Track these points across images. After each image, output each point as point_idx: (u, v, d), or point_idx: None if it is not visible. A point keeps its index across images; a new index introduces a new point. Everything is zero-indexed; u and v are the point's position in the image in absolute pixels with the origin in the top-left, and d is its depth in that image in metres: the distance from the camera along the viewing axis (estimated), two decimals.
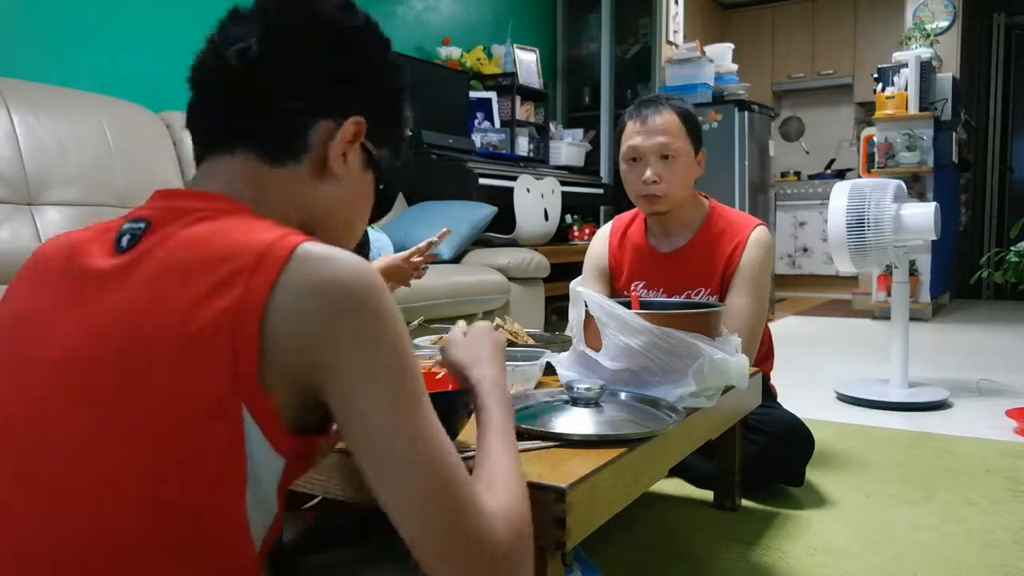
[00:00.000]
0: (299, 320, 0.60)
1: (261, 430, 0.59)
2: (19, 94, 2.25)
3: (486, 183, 3.70)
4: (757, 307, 1.73)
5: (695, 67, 5.03)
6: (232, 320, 0.58)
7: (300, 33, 0.74)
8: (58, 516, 0.57)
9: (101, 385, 0.59)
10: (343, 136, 0.75)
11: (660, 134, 1.72)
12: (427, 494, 0.63)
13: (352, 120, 0.76)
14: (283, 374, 0.60)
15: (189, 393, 0.58)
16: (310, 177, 0.75)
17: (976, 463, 2.01)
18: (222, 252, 0.61)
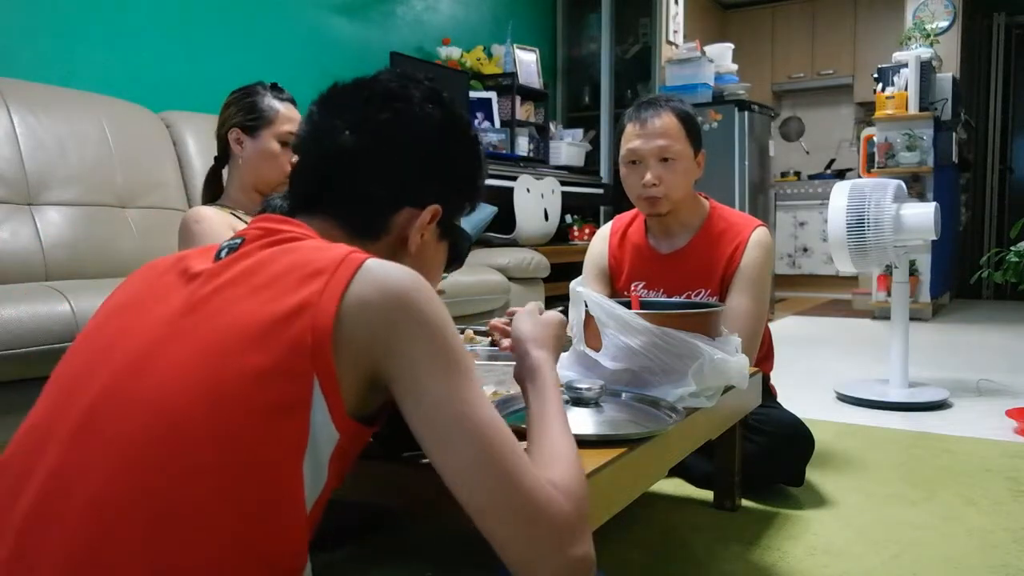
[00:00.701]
0: (366, 313, 0.70)
1: (325, 400, 0.68)
2: (19, 94, 2.25)
3: (486, 183, 3.70)
4: (757, 308, 1.73)
5: (695, 67, 5.03)
6: (315, 306, 0.68)
7: (393, 136, 0.85)
8: (134, 468, 0.64)
9: (187, 354, 0.68)
10: (422, 222, 0.86)
11: (659, 137, 1.72)
12: (481, 461, 0.70)
13: (431, 208, 0.86)
14: (350, 358, 0.69)
15: (270, 363, 0.66)
16: (388, 252, 0.85)
17: (976, 463, 2.01)
18: (306, 258, 0.73)
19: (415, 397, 0.71)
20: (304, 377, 0.67)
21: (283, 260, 0.73)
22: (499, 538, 0.70)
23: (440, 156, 0.88)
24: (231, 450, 0.65)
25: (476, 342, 1.52)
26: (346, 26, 3.76)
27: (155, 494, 0.63)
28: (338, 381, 0.69)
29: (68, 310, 1.57)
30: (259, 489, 0.66)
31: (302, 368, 0.67)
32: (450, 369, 0.72)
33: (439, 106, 0.88)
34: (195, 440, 0.64)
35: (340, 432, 0.71)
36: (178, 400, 0.66)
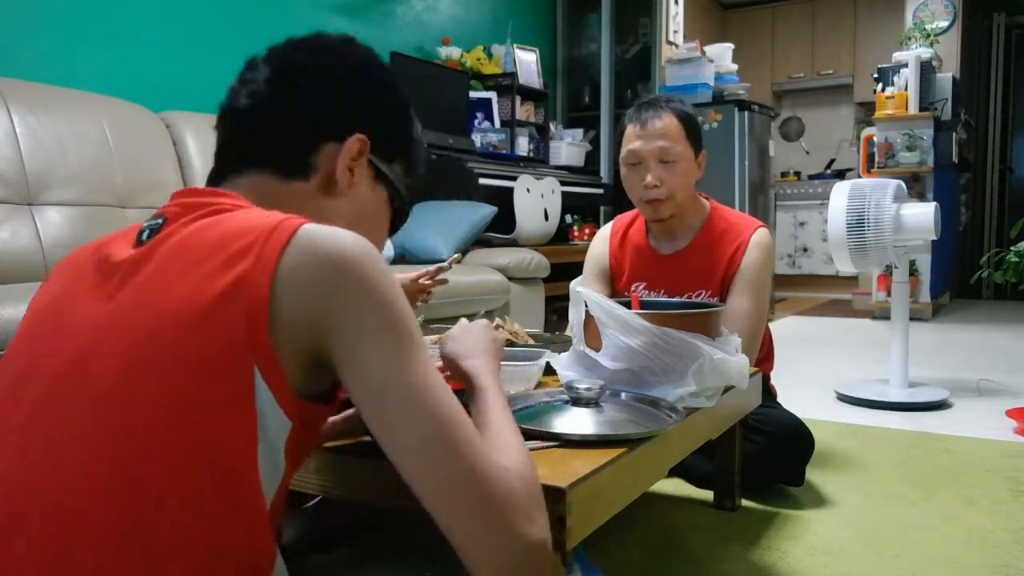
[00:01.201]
0: (304, 286, 0.65)
1: (270, 389, 0.64)
2: (19, 94, 2.25)
3: (486, 183, 3.70)
4: (757, 308, 1.73)
5: (695, 67, 5.03)
6: (246, 285, 0.63)
7: (303, 71, 0.83)
8: (83, 471, 0.61)
9: (122, 356, 0.64)
10: (347, 152, 0.82)
11: (660, 138, 1.72)
12: (432, 439, 0.66)
13: (355, 138, 0.82)
14: (291, 336, 0.65)
15: (205, 354, 0.62)
16: (319, 193, 0.82)
17: (976, 463, 2.01)
18: (234, 232, 0.67)
19: (359, 373, 0.66)
20: (243, 367, 0.63)
21: (209, 237, 0.68)
22: (448, 519, 0.66)
23: (355, 86, 0.85)
24: (180, 450, 0.61)
25: None
26: (346, 26, 3.75)
27: (112, 497, 0.61)
28: (280, 366, 0.64)
29: None
30: (215, 487, 0.62)
31: (240, 358, 0.63)
32: (398, 341, 0.67)
33: (352, 47, 0.87)
34: (144, 443, 0.61)
35: (291, 418, 0.67)
36: (120, 407, 0.62)
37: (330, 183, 0.82)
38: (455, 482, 0.65)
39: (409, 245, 3.14)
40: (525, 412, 1.11)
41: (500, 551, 0.65)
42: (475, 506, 0.65)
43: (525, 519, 0.66)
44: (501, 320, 1.63)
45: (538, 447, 0.99)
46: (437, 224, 3.22)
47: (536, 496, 0.70)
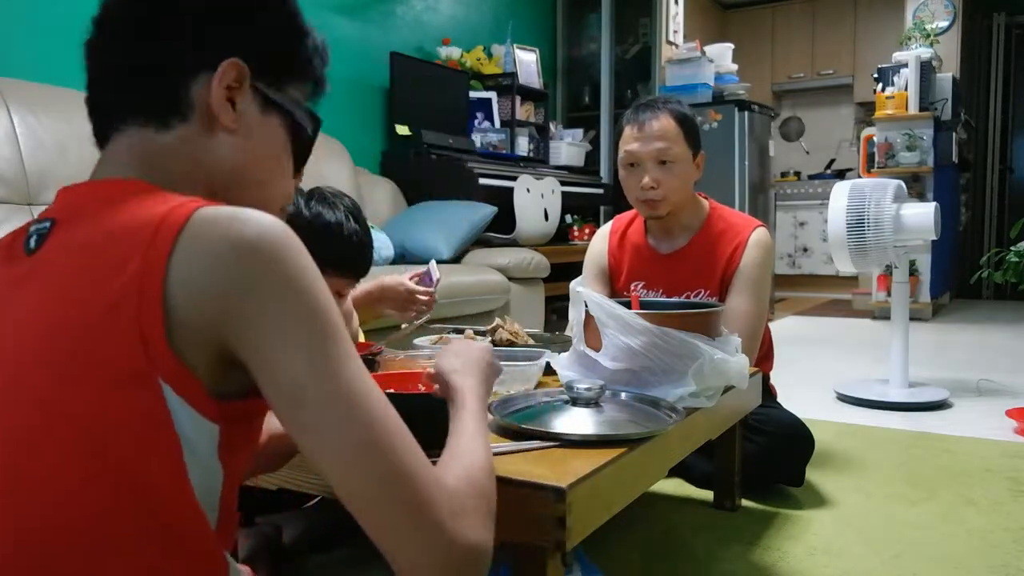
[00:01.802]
0: (201, 280, 0.57)
1: (180, 396, 0.58)
2: (19, 94, 2.25)
3: (486, 183, 3.70)
4: (757, 308, 1.73)
5: (695, 67, 5.03)
6: (134, 290, 0.57)
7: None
8: (10, 503, 0.57)
9: (24, 380, 0.58)
10: (222, 80, 0.69)
11: (657, 140, 1.72)
12: (355, 444, 0.59)
13: (228, 62, 0.69)
14: (193, 337, 0.58)
15: (106, 369, 0.57)
16: (203, 134, 0.70)
17: (976, 463, 2.01)
18: (120, 231, 0.60)
19: (271, 372, 0.59)
20: (147, 380, 0.57)
21: (96, 239, 0.61)
22: (373, 522, 0.60)
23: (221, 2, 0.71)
24: (96, 474, 0.56)
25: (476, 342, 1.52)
26: (346, 26, 3.75)
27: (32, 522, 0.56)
28: (190, 371, 0.58)
29: None
30: (136, 515, 0.57)
31: (141, 371, 0.57)
32: (314, 337, 0.59)
33: None
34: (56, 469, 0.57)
35: (216, 421, 0.61)
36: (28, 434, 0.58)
37: (213, 121, 0.69)
38: (380, 483, 0.59)
39: (409, 245, 3.14)
40: (525, 412, 1.11)
41: (426, 552, 0.60)
42: (400, 505, 0.59)
43: (453, 517, 0.61)
44: (501, 320, 1.63)
45: (538, 447, 0.99)
46: (437, 224, 3.22)
47: (479, 497, 0.65)
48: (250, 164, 0.73)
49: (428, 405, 0.97)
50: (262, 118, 0.73)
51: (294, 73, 0.76)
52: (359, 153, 3.64)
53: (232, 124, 0.70)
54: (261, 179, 0.74)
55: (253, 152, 0.72)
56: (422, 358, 1.25)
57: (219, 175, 0.71)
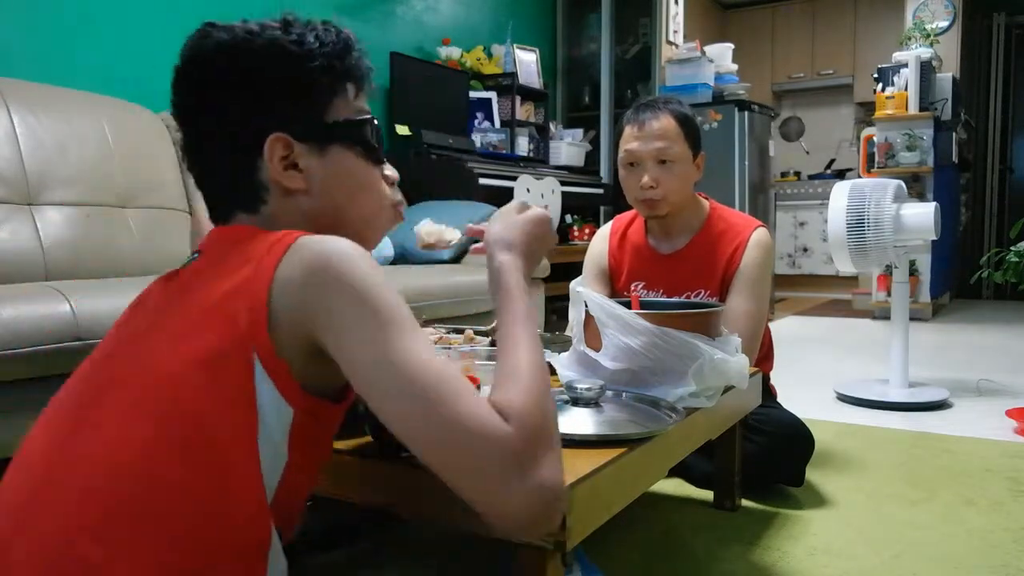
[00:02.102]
0: (296, 292, 0.70)
1: (269, 376, 0.69)
2: (19, 94, 2.25)
3: (486, 183, 3.70)
4: (757, 308, 1.73)
5: (695, 67, 5.02)
6: (247, 287, 0.70)
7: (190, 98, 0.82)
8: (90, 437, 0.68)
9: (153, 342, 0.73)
10: (273, 159, 0.80)
11: (657, 139, 1.72)
12: (413, 403, 0.67)
13: (269, 141, 0.79)
14: (290, 335, 0.70)
15: (213, 344, 0.69)
16: (286, 201, 0.81)
17: (976, 463, 2.01)
18: (243, 249, 0.74)
19: (348, 360, 0.70)
20: (243, 357, 0.68)
21: (225, 254, 0.76)
22: (448, 477, 0.67)
23: (235, 94, 0.80)
24: (180, 435, 0.67)
25: (476, 342, 1.52)
26: (346, 26, 3.74)
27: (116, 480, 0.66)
28: (280, 357, 0.69)
29: (68, 310, 1.57)
30: (210, 471, 0.67)
31: (240, 348, 0.68)
32: (376, 325, 0.69)
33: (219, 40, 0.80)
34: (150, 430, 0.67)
35: (294, 407, 0.71)
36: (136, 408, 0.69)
37: (286, 191, 0.81)
38: (446, 449, 0.67)
39: (409, 245, 3.14)
40: None
41: (503, 504, 0.66)
42: (467, 468, 0.66)
43: (519, 467, 0.66)
44: None
45: None
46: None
47: (534, 435, 0.68)
48: (336, 200, 0.83)
49: None
50: (325, 158, 0.82)
51: (330, 98, 0.83)
52: None
53: (303, 184, 0.81)
54: (351, 203, 0.85)
55: (332, 189, 0.83)
56: None
57: (315, 221, 0.81)
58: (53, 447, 0.70)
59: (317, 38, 0.82)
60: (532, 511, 0.66)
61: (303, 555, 1.38)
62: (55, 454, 0.70)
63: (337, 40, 0.83)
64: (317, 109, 0.82)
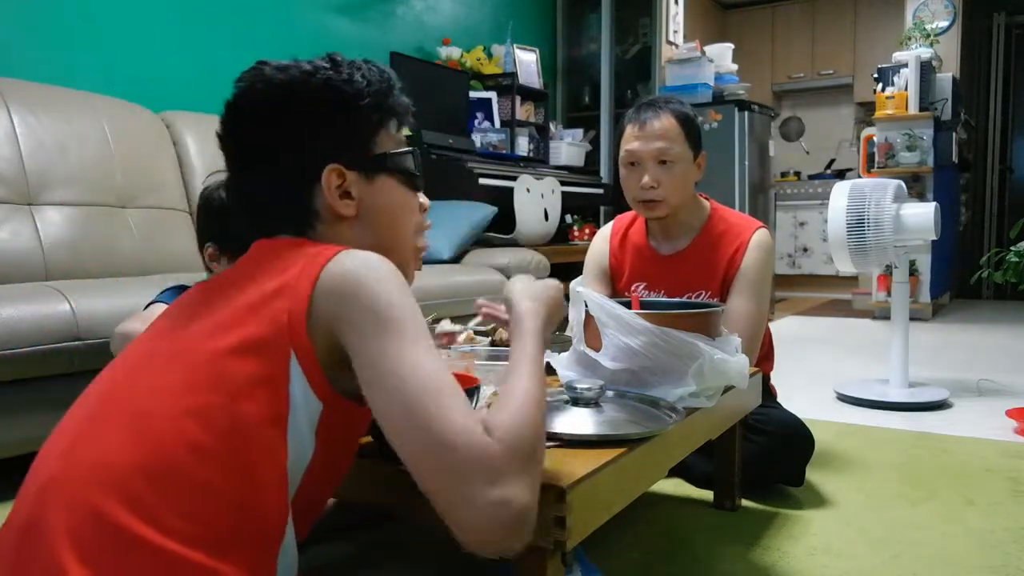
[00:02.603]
0: (330, 300, 0.76)
1: (302, 367, 0.75)
2: (19, 94, 2.25)
3: (486, 183, 3.70)
4: (758, 309, 1.73)
5: (695, 67, 5.03)
6: (291, 290, 0.76)
7: (243, 128, 0.88)
8: (142, 432, 0.71)
9: (194, 330, 0.78)
10: (330, 188, 0.87)
11: (658, 139, 1.72)
12: (406, 410, 0.71)
13: (327, 172, 0.86)
14: (323, 337, 0.76)
15: (254, 336, 0.75)
16: (335, 226, 0.88)
17: (976, 463, 2.01)
18: (290, 253, 0.81)
19: (360, 364, 0.75)
20: (281, 350, 0.74)
21: (275, 258, 0.82)
22: (423, 479, 0.72)
23: (299, 125, 0.87)
24: (214, 404, 0.72)
25: (476, 342, 1.52)
26: (346, 26, 3.76)
27: (147, 455, 0.70)
28: (315, 355, 0.75)
29: (68, 310, 1.57)
30: (239, 450, 0.71)
31: (280, 342, 0.74)
32: (387, 333, 0.74)
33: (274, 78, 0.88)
34: (181, 409, 0.72)
35: (323, 402, 0.76)
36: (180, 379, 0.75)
37: (338, 217, 0.88)
38: (425, 453, 0.70)
39: None
40: None
41: (471, 516, 0.69)
42: (442, 473, 0.70)
43: (492, 484, 0.68)
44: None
45: None
46: (437, 224, 3.20)
47: (514, 454, 0.71)
48: (379, 225, 0.90)
49: None
50: (373, 187, 0.90)
51: (377, 131, 0.91)
52: None
53: (352, 212, 0.89)
54: (392, 228, 0.92)
55: (376, 216, 0.90)
56: None
57: (358, 244, 0.85)
58: (87, 419, 0.75)
59: (364, 77, 0.90)
60: (494, 525, 0.69)
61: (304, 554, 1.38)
62: (87, 425, 0.74)
63: (382, 79, 0.92)
64: (366, 142, 0.90)
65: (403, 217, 0.94)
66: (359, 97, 0.89)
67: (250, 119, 0.88)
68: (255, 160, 0.89)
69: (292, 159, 0.87)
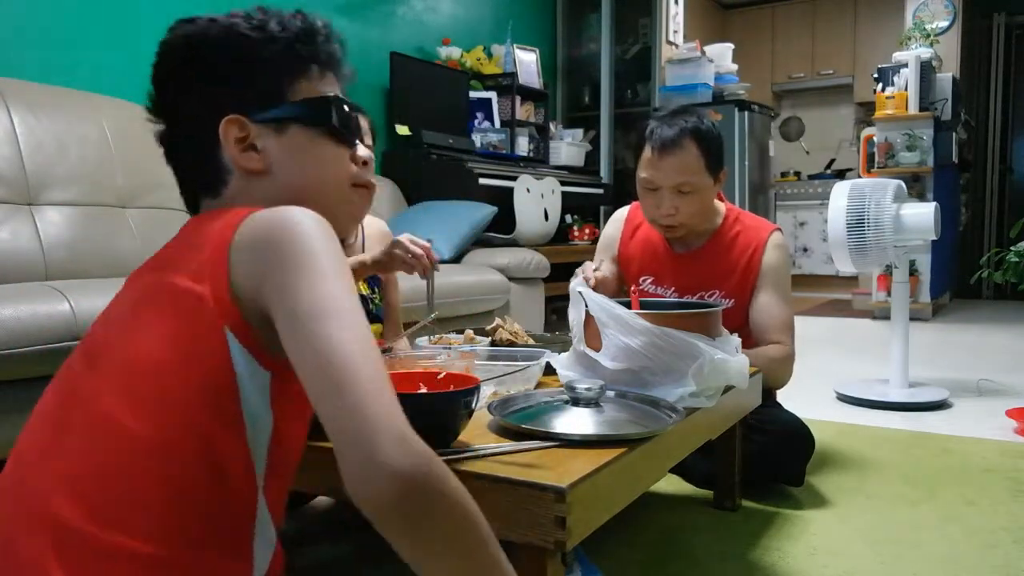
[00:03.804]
0: (248, 257, 0.71)
1: (241, 345, 0.71)
2: (19, 94, 2.25)
3: (486, 183, 3.70)
4: (788, 304, 1.80)
5: (695, 67, 5.03)
6: (208, 267, 0.72)
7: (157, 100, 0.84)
8: (96, 439, 0.70)
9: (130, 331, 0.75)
10: (228, 141, 0.80)
11: (677, 174, 1.70)
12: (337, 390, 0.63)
13: (223, 124, 0.80)
14: (249, 302, 0.71)
15: (184, 328, 0.71)
16: (247, 182, 0.82)
17: (976, 463, 2.01)
18: (203, 229, 0.76)
19: (284, 331, 0.68)
20: (216, 332, 0.70)
21: (190, 238, 0.78)
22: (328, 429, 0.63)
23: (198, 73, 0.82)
24: (165, 411, 0.69)
25: (476, 342, 1.52)
26: (346, 26, 3.75)
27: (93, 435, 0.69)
28: (249, 326, 0.71)
29: (68, 310, 1.57)
30: (195, 440, 0.69)
31: (212, 324, 0.70)
32: (316, 303, 0.67)
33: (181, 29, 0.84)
34: (130, 411, 0.70)
35: (269, 371, 0.73)
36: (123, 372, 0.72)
37: (246, 172, 0.81)
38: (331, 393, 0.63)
39: None
40: (525, 412, 1.11)
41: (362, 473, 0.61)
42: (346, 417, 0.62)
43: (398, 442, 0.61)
44: (501, 320, 1.63)
45: (538, 447, 0.99)
46: (437, 224, 3.22)
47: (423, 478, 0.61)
48: (296, 180, 0.83)
49: (426, 405, 0.97)
50: (283, 139, 0.82)
51: (292, 80, 0.82)
52: None
53: (260, 165, 0.81)
54: (312, 183, 0.84)
55: (291, 169, 0.82)
56: (423, 358, 1.25)
57: (277, 202, 0.79)
58: (51, 425, 0.74)
59: (280, 23, 0.82)
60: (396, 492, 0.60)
61: (304, 553, 1.38)
62: (50, 431, 0.73)
63: (303, 25, 0.83)
64: (276, 92, 0.82)
65: (325, 170, 0.85)
66: (268, 42, 0.81)
67: (164, 76, 0.84)
68: (171, 120, 0.84)
69: (197, 113, 0.81)
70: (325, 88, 0.84)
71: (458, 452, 0.95)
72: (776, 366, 1.71)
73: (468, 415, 0.98)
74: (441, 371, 1.07)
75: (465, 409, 0.97)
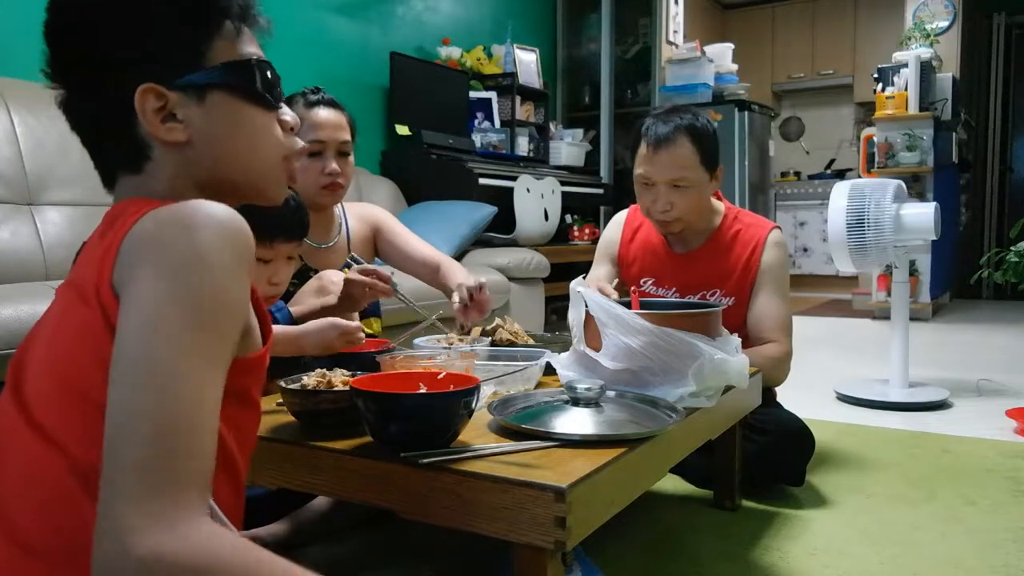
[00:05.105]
0: (125, 256, 0.66)
1: None
2: (19, 94, 2.25)
3: (486, 183, 3.70)
4: (786, 303, 1.81)
5: (695, 67, 5.03)
6: (101, 264, 0.68)
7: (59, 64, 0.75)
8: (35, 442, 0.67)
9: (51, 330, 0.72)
10: (145, 112, 0.73)
11: (672, 169, 1.72)
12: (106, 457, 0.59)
13: (137, 94, 0.72)
14: None
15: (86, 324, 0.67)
16: (170, 155, 0.75)
17: (976, 463, 2.01)
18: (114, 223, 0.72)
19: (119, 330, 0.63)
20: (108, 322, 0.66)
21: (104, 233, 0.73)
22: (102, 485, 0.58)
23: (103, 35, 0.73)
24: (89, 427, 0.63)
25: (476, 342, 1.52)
26: (346, 26, 3.75)
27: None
28: None
29: None
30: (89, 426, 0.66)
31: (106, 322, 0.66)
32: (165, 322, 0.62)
33: None
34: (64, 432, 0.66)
35: None
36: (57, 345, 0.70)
37: (168, 145, 0.74)
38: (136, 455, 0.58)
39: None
40: (525, 412, 1.11)
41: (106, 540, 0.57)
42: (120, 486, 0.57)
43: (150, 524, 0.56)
44: (501, 320, 1.63)
45: (538, 447, 0.99)
46: (437, 224, 3.22)
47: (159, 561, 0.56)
48: (221, 151, 0.77)
49: (426, 405, 0.97)
50: (205, 107, 0.75)
51: (207, 41, 0.75)
52: (359, 153, 3.61)
53: (182, 136, 0.74)
54: (239, 153, 0.78)
55: (215, 139, 0.76)
56: (422, 358, 1.25)
57: (204, 177, 0.76)
58: None
59: None
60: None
61: (304, 553, 1.38)
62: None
63: None
64: (193, 55, 0.75)
65: (252, 139, 0.78)
66: (174, 1, 0.74)
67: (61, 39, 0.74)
68: (73, 89, 0.75)
69: (105, 82, 0.73)
70: (244, 47, 0.78)
71: (458, 452, 0.95)
72: (773, 365, 1.71)
73: (468, 415, 0.98)
74: (441, 371, 1.07)
75: (465, 409, 0.97)
